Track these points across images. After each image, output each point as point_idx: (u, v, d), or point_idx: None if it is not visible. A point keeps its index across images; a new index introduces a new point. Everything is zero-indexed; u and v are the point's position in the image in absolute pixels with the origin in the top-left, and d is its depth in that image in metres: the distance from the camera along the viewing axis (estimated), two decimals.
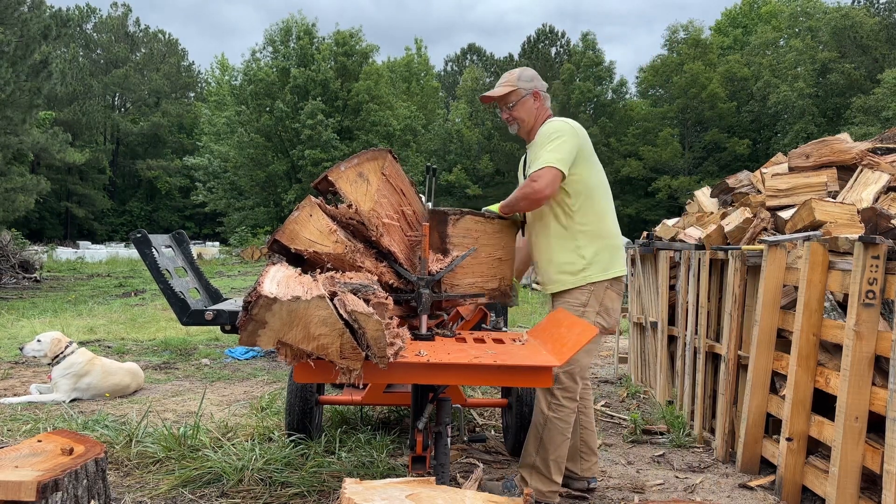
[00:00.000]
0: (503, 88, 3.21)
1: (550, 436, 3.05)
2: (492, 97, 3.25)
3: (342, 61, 37.38)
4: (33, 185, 18.27)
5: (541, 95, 3.25)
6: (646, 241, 5.78)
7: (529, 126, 3.25)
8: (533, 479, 3.09)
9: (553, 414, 3.06)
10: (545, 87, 3.29)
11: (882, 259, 2.82)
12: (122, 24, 54.34)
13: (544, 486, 3.07)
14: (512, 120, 3.26)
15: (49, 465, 2.32)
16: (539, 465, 3.08)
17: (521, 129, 3.28)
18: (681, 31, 41.65)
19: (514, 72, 3.27)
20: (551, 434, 3.05)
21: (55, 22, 17.56)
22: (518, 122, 3.25)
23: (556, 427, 3.05)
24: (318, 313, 1.91)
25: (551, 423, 3.05)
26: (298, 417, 3.74)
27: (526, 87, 3.21)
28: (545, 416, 3.07)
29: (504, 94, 3.21)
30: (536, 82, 3.25)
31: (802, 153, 4.28)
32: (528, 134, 3.28)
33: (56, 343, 5.06)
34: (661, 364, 5.14)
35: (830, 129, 31.07)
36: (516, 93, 3.20)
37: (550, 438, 3.05)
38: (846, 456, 2.90)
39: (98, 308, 11.27)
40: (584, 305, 3.07)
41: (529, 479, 3.10)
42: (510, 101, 3.21)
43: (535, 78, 3.26)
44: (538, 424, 3.09)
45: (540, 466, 3.07)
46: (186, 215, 50.86)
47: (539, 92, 3.24)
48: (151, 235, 3.44)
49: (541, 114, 3.26)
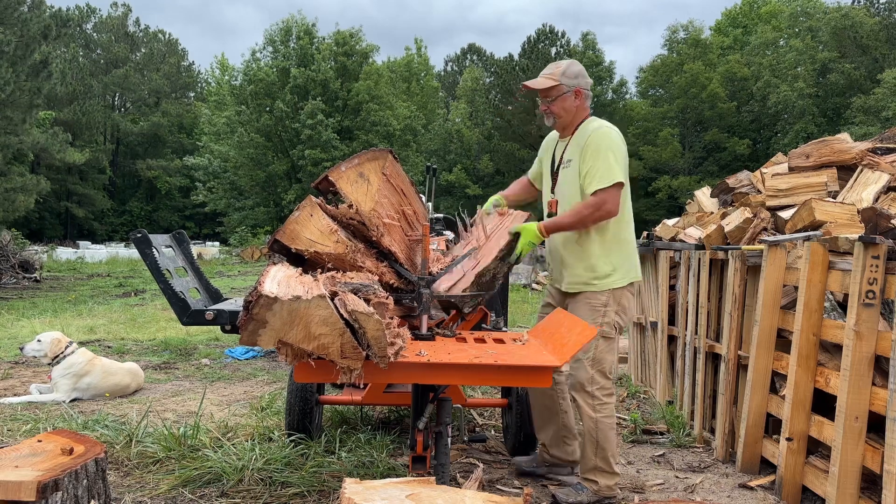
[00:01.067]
0: (546, 81, 3.18)
1: (605, 435, 3.14)
2: (533, 87, 3.21)
3: (342, 61, 37.37)
4: (33, 185, 18.28)
5: (583, 94, 3.22)
6: (646, 241, 5.78)
7: (566, 123, 3.23)
8: (599, 477, 3.17)
9: (600, 415, 3.14)
10: (589, 85, 3.25)
11: (882, 259, 2.82)
12: (122, 24, 54.30)
13: (611, 480, 3.18)
14: (549, 113, 3.23)
15: (49, 465, 2.32)
16: (601, 465, 3.16)
17: (556, 124, 3.25)
18: (681, 31, 41.69)
19: (560, 64, 3.22)
20: (605, 433, 3.14)
21: (55, 22, 17.57)
22: (555, 117, 3.23)
23: (606, 425, 3.15)
24: (319, 313, 1.91)
25: (601, 423, 3.14)
26: (298, 417, 3.74)
27: (569, 83, 3.18)
28: (594, 419, 3.14)
29: (546, 88, 3.18)
30: (581, 80, 3.21)
31: (802, 153, 4.28)
32: (563, 129, 3.27)
33: (56, 343, 5.06)
34: (661, 364, 5.14)
35: (830, 129, 31.06)
36: (558, 88, 3.17)
37: (605, 437, 3.14)
38: (846, 456, 2.90)
39: (98, 308, 11.27)
40: (605, 305, 3.16)
41: (596, 479, 3.17)
42: (551, 95, 3.18)
43: (581, 75, 3.22)
44: (590, 430, 3.15)
45: (602, 466, 3.16)
46: (186, 215, 50.84)
47: (581, 90, 3.21)
48: (151, 235, 3.44)
49: (580, 113, 3.24)
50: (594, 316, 3.14)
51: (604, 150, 3.06)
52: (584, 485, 3.21)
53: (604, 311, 3.14)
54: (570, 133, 3.25)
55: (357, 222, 2.53)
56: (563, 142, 3.30)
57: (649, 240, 5.73)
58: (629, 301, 3.25)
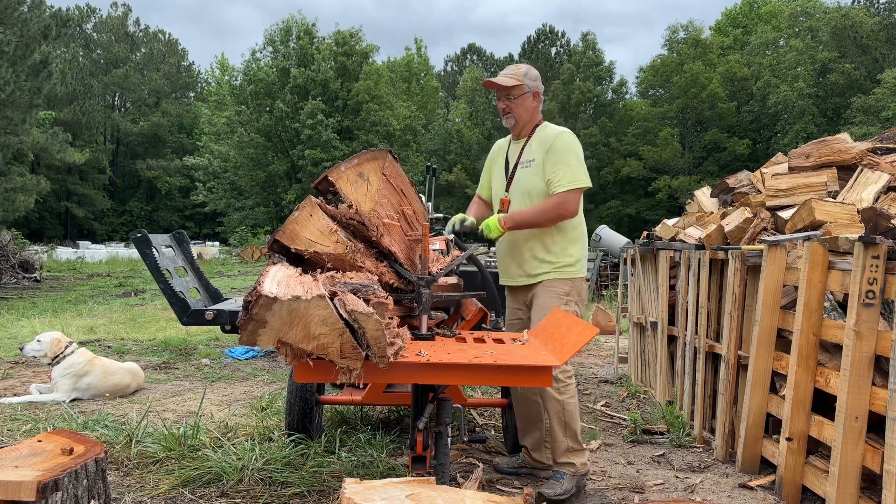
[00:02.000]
0: (510, 80, 3.31)
1: (571, 414, 3.28)
2: (496, 84, 3.32)
3: (342, 61, 37.36)
4: (33, 184, 18.28)
5: (539, 97, 3.38)
6: (646, 241, 5.78)
7: (523, 123, 3.39)
8: (573, 458, 3.27)
9: (565, 396, 3.28)
10: (542, 90, 3.43)
11: (882, 259, 2.82)
12: (122, 24, 54.31)
13: (583, 457, 3.30)
14: (509, 112, 3.37)
15: (49, 465, 2.32)
16: (572, 444, 3.28)
17: (515, 124, 3.39)
18: (681, 31, 41.65)
19: (521, 67, 3.38)
20: (571, 412, 3.28)
21: (55, 22, 17.57)
22: (514, 117, 3.37)
23: (571, 405, 3.29)
24: (318, 313, 1.90)
25: (567, 404, 3.28)
26: (298, 417, 3.74)
27: (530, 85, 3.34)
28: (560, 401, 3.27)
29: (509, 86, 3.30)
30: (538, 83, 3.38)
31: (802, 153, 4.28)
32: (519, 130, 3.42)
33: (56, 343, 5.06)
34: (661, 364, 5.14)
35: (830, 129, 31.05)
36: (520, 88, 3.32)
37: (572, 416, 3.28)
38: (846, 456, 2.90)
39: (98, 308, 11.27)
40: (567, 294, 3.33)
41: (572, 460, 3.26)
42: (513, 94, 3.33)
43: (538, 79, 3.40)
44: (557, 412, 3.27)
45: (573, 444, 3.28)
46: (186, 215, 50.85)
47: (539, 93, 3.38)
48: (151, 235, 3.43)
49: (535, 115, 3.41)
50: (558, 304, 3.25)
51: (571, 154, 3.25)
52: (562, 471, 3.27)
53: (566, 300, 3.30)
54: (527, 135, 3.41)
55: (357, 222, 2.53)
56: (517, 143, 3.46)
57: (649, 240, 5.73)
58: (585, 292, 3.45)
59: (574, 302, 3.34)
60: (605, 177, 40.31)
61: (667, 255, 5.14)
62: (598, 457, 3.95)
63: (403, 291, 2.72)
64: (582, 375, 6.44)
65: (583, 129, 40.40)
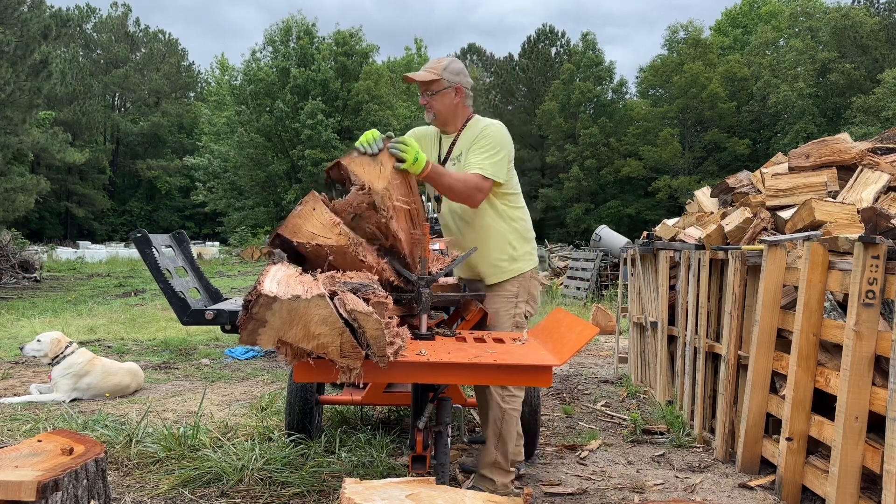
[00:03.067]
0: (428, 74, 3.14)
1: (508, 428, 3.11)
2: (413, 79, 3.18)
3: (342, 61, 37.38)
4: (33, 184, 18.28)
5: (463, 92, 3.19)
6: (646, 241, 5.78)
7: (445, 119, 3.20)
8: (496, 475, 3.12)
9: (509, 406, 3.11)
10: (470, 85, 3.24)
11: (882, 259, 2.82)
12: (122, 24, 54.32)
13: (506, 478, 3.13)
14: (429, 108, 3.20)
15: (49, 465, 2.32)
16: (500, 460, 3.12)
17: (435, 119, 3.22)
18: (681, 31, 41.66)
19: (442, 60, 3.21)
20: (508, 426, 3.11)
21: (55, 22, 17.58)
22: (434, 112, 3.19)
23: (512, 417, 3.12)
24: (318, 312, 1.90)
25: (508, 414, 3.11)
26: (298, 417, 3.74)
27: (450, 79, 3.15)
28: (502, 409, 3.10)
29: (427, 81, 3.14)
30: (462, 78, 3.19)
31: (802, 153, 4.28)
32: (443, 125, 3.24)
33: (56, 343, 5.06)
34: (661, 364, 5.14)
35: (830, 129, 31.04)
36: (439, 83, 3.14)
37: (508, 431, 3.11)
38: (846, 456, 2.89)
39: (98, 308, 11.27)
40: (516, 297, 3.20)
41: (493, 477, 3.12)
42: (431, 89, 3.15)
43: (462, 73, 3.20)
44: (496, 420, 3.11)
45: (500, 461, 3.12)
46: (186, 215, 50.86)
47: (462, 88, 3.19)
48: (151, 235, 3.43)
49: (461, 111, 3.22)
50: (509, 307, 3.18)
51: (499, 146, 3.09)
52: (480, 485, 3.13)
53: (515, 303, 3.19)
54: (457, 130, 3.23)
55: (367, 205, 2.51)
56: (448, 138, 3.29)
57: (649, 240, 5.73)
58: (536, 289, 3.31)
59: (524, 302, 3.22)
60: (605, 177, 40.33)
61: (667, 255, 5.14)
62: (598, 457, 3.95)
63: (403, 291, 2.72)
64: (582, 375, 6.44)
65: (583, 129, 40.43)
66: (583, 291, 13.08)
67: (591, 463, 3.84)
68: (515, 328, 3.16)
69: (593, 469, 3.72)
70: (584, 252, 15.17)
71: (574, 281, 13.81)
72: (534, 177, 43.89)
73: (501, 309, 3.17)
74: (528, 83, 45.24)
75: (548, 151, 42.86)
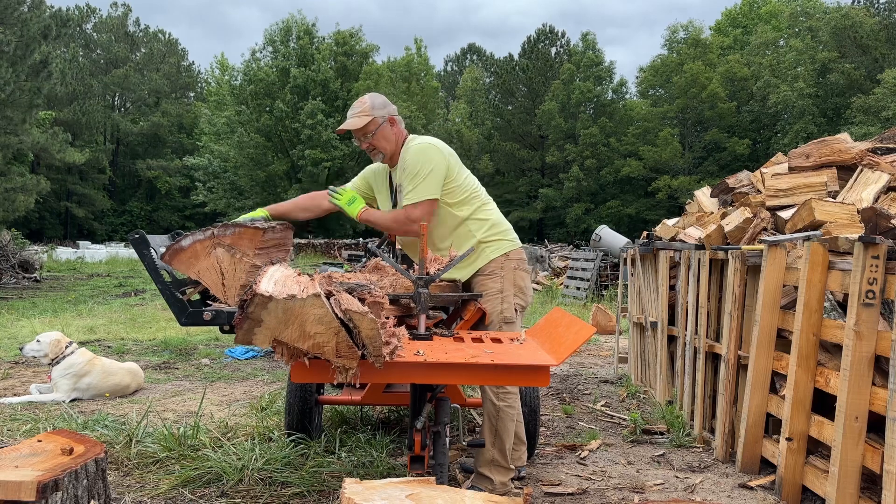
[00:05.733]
0: (361, 119, 3.16)
1: (504, 425, 3.12)
2: (350, 129, 3.19)
3: (342, 61, 37.40)
4: (33, 184, 18.28)
5: (395, 119, 3.25)
6: (646, 241, 5.78)
7: (391, 152, 3.25)
8: (494, 474, 3.12)
9: (503, 403, 3.13)
10: (396, 111, 3.29)
11: (882, 259, 2.82)
12: (122, 24, 54.32)
13: (505, 476, 3.13)
14: (374, 149, 3.23)
15: (49, 465, 2.32)
16: (497, 457, 3.12)
17: (384, 158, 3.27)
18: (681, 31, 41.64)
19: (364, 100, 3.23)
20: (504, 423, 3.12)
21: (55, 22, 17.58)
22: (381, 151, 3.23)
23: (507, 415, 3.13)
24: (314, 311, 1.90)
25: (503, 412, 3.12)
26: (298, 417, 3.74)
27: (381, 114, 3.19)
28: (497, 406, 3.12)
29: (363, 126, 3.17)
30: (389, 108, 3.24)
31: (802, 153, 4.27)
32: (391, 159, 3.28)
33: (56, 343, 5.06)
34: (661, 364, 5.14)
35: (830, 129, 31.04)
36: (374, 122, 3.17)
37: (504, 428, 3.13)
38: (846, 456, 2.89)
39: (98, 308, 11.27)
40: (500, 292, 3.19)
41: (492, 475, 3.12)
42: (369, 130, 3.18)
43: (386, 103, 3.25)
44: (491, 416, 3.13)
45: (498, 459, 3.13)
46: (186, 215, 50.83)
47: (394, 117, 3.24)
48: (150, 236, 3.43)
49: (399, 137, 3.26)
50: (494, 304, 3.17)
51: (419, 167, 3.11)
52: (479, 484, 3.14)
53: (501, 298, 3.18)
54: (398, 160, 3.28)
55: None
56: (394, 170, 3.33)
57: (649, 240, 5.73)
58: (525, 280, 3.29)
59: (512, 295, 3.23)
60: (605, 177, 40.32)
61: (667, 255, 5.14)
62: (598, 457, 3.95)
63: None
64: (582, 375, 6.44)
65: (583, 129, 40.43)
66: (583, 291, 13.08)
67: (591, 463, 3.83)
68: (504, 324, 3.16)
69: (593, 469, 3.72)
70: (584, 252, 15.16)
71: (574, 281, 13.81)
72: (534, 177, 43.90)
73: (488, 306, 3.17)
74: (528, 83, 45.23)
75: (548, 151, 42.86)
